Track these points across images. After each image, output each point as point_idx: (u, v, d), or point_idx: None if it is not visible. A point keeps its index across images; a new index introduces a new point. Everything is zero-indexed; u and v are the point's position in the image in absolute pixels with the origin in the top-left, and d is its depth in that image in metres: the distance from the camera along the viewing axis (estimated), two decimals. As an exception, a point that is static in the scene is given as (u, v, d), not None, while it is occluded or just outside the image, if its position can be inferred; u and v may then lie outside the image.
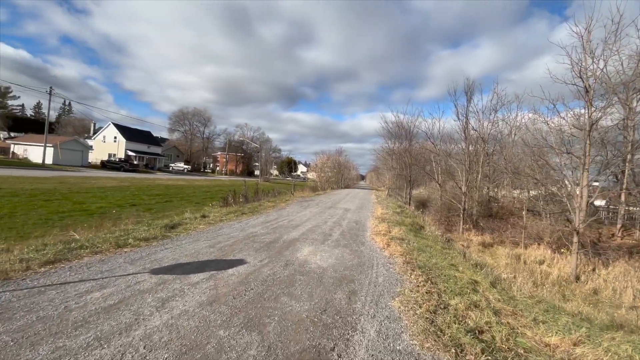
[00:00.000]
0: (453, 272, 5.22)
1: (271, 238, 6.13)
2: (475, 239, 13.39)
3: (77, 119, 56.76)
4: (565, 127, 13.89)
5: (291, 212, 11.04)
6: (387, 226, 9.07)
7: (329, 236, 6.82)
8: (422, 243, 7.48)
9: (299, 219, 9.16)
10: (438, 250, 7.22)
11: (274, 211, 10.93)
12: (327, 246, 5.77)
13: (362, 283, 3.83)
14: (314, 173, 37.82)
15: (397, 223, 10.30)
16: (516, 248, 12.03)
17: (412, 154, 25.42)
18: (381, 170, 44.88)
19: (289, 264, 4.39)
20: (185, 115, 65.64)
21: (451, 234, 15.60)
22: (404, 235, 8.03)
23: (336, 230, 7.65)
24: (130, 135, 44.19)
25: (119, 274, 3.52)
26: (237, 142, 70.92)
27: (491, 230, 16.09)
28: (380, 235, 7.50)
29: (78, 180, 19.51)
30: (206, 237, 5.92)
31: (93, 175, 24.16)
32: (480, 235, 14.75)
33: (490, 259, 10.01)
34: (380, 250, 5.88)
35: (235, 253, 4.80)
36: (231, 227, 7.23)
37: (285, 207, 12.82)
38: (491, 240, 13.24)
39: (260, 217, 9.10)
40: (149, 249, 4.78)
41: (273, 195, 19.05)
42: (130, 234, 5.62)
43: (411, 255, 5.77)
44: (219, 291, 3.18)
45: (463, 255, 7.87)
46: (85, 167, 35.32)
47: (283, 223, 8.23)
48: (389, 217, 11.94)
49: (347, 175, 49.48)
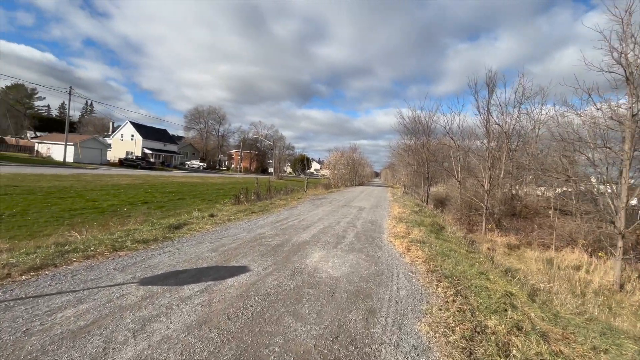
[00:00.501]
0: (484, 282, 4.57)
1: (279, 240, 5.64)
2: (499, 240, 12.48)
3: (98, 118, 58.52)
4: (600, 119, 12.72)
5: (303, 211, 10.56)
6: (406, 227, 8.43)
7: (342, 239, 6.27)
8: (445, 247, 6.81)
9: (310, 219, 8.65)
10: (463, 255, 6.54)
11: (285, 210, 10.48)
12: (339, 251, 5.23)
13: (381, 299, 3.27)
14: (327, 170, 37.28)
15: (416, 223, 9.63)
16: (546, 251, 11.08)
17: (429, 149, 24.39)
18: (396, 167, 43.78)
19: (296, 272, 3.88)
20: (200, 114, 66.47)
21: (473, 234, 14.71)
22: (425, 237, 7.37)
23: (350, 232, 7.09)
24: (146, 134, 45.02)
25: (104, 284, 3.11)
26: (251, 140, 71.28)
27: (516, 231, 15.07)
28: (398, 237, 6.89)
29: (94, 177, 19.81)
30: (210, 239, 5.50)
31: (109, 173, 24.57)
32: (505, 236, 13.79)
33: (519, 264, 9.18)
34: (399, 256, 5.28)
35: (238, 258, 4.34)
36: (239, 227, 6.80)
37: (297, 205, 12.35)
38: (517, 242, 12.30)
39: (270, 217, 8.66)
40: (145, 252, 4.39)
41: (285, 193, 18.67)
42: (130, 235, 5.28)
43: (435, 261, 5.14)
44: (212, 308, 2.71)
45: (490, 260, 7.14)
46: (104, 165, 36.19)
47: (293, 223, 7.75)
48: (406, 216, 11.26)
49: (361, 173, 48.63)
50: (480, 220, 17.50)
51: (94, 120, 60.17)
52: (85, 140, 34.64)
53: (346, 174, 36.70)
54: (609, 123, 11.97)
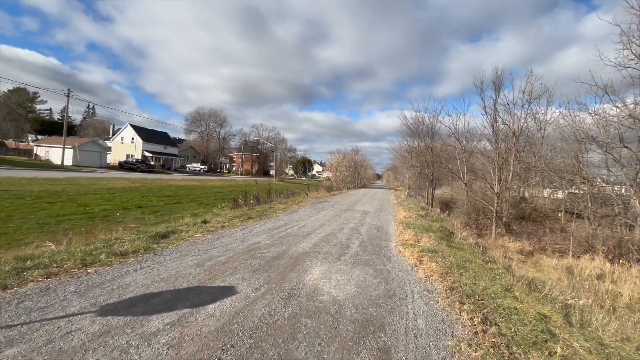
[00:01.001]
0: (511, 301, 3.93)
1: (276, 252, 5.03)
2: (512, 246, 11.80)
3: (99, 121, 58.32)
4: (614, 118, 12.06)
5: (303, 215, 9.95)
6: (414, 233, 7.80)
7: (346, 248, 5.65)
8: (460, 256, 6.17)
9: (311, 225, 8.04)
10: (479, 266, 5.90)
11: (285, 215, 9.88)
12: (343, 264, 4.61)
13: (396, 331, 2.64)
14: (329, 172, 36.68)
15: (424, 229, 8.99)
16: (563, 258, 10.40)
17: (434, 151, 23.75)
18: (399, 169, 43.11)
19: (293, 294, 3.26)
20: (201, 116, 66.17)
21: (482, 238, 14.03)
22: (436, 245, 6.74)
23: (354, 240, 6.47)
24: (147, 136, 44.64)
25: (53, 314, 2.51)
26: (252, 142, 70.88)
27: (527, 235, 14.36)
28: (407, 246, 6.26)
29: (90, 181, 19.31)
30: (198, 250, 4.90)
31: (107, 176, 24.10)
32: (516, 241, 13.10)
33: (537, 272, 8.51)
34: (411, 270, 4.66)
35: (226, 276, 3.73)
36: (232, 235, 6.20)
37: (298, 209, 11.74)
38: (530, 247, 11.62)
39: (268, 223, 8.05)
40: (120, 268, 3.80)
41: (286, 196, 18.09)
42: (108, 247, 4.69)
43: (451, 275, 4.51)
44: (180, 353, 2.10)
45: (508, 271, 6.49)
46: (103, 168, 35.78)
47: (293, 230, 7.13)
48: (413, 221, 10.62)
49: (364, 175, 47.99)
50: (488, 224, 16.81)
51: (95, 123, 59.99)
52: (84, 144, 34.27)
53: (348, 176, 36.07)
54: (627, 122, 11.32)
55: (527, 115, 17.29)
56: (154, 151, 44.87)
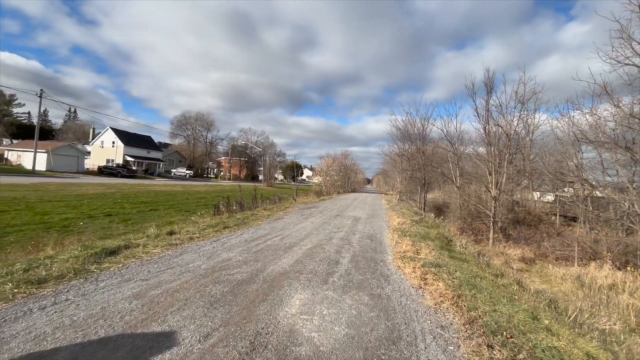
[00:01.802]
0: (546, 336, 3.05)
1: (247, 272, 4.03)
2: (512, 253, 11.08)
3: (78, 125, 55.80)
4: (613, 118, 11.63)
5: (288, 223, 8.95)
6: (412, 243, 6.92)
7: (335, 265, 4.69)
8: (466, 271, 5.30)
9: (296, 235, 7.05)
10: (491, 283, 5.04)
11: (268, 222, 8.86)
12: (331, 288, 3.65)
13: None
14: (319, 177, 35.74)
15: (421, 237, 8.14)
16: (567, 265, 9.72)
17: (425, 154, 23.18)
18: (389, 173, 42.60)
19: (257, 345, 2.28)
20: (187, 120, 64.41)
21: (479, 244, 13.30)
22: (438, 257, 5.87)
23: (345, 254, 5.52)
24: (128, 140, 42.74)
25: None
26: (241, 147, 69.42)
27: (525, 241, 13.74)
28: (407, 259, 5.36)
29: (59, 187, 17.79)
30: (147, 272, 3.86)
31: (81, 182, 22.50)
32: (515, 247, 12.42)
33: (544, 283, 7.76)
34: (416, 294, 3.74)
35: (169, 314, 2.72)
36: (198, 250, 5.17)
37: (283, 216, 10.74)
38: (531, 254, 10.92)
39: (247, 233, 7.03)
40: (20, 306, 2.73)
41: (272, 201, 17.07)
42: (27, 270, 3.60)
43: (464, 299, 3.63)
44: None
45: (520, 286, 5.65)
46: (81, 174, 33.87)
47: (274, 242, 6.14)
48: (408, 228, 9.78)
49: (354, 179, 47.30)
50: (484, 228, 16.17)
51: (75, 127, 57.40)
52: (59, 147, 32.32)
53: (338, 180, 35.24)
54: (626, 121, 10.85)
55: (520, 117, 16.85)
56: (136, 155, 43.02)
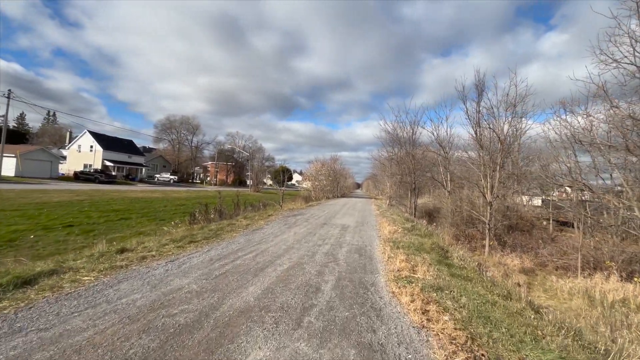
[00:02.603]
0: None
1: (195, 311, 3.04)
2: (510, 263, 10.37)
3: (56, 129, 53.17)
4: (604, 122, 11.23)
5: (268, 234, 7.95)
6: (406, 257, 6.05)
7: (314, 295, 3.74)
8: (473, 294, 4.44)
9: (273, 251, 6.07)
10: (503, 309, 4.18)
11: (244, 234, 7.84)
12: (305, 337, 2.68)
13: None
14: (308, 182, 34.77)
15: (415, 249, 7.30)
16: (569, 277, 9.06)
17: (415, 158, 22.60)
18: (379, 177, 42.07)
19: None
20: (172, 124, 62.50)
21: (473, 252, 12.58)
22: (437, 275, 5.01)
23: (329, 276, 4.57)
24: (108, 144, 40.72)
25: None
26: (228, 151, 67.84)
27: (521, 248, 13.12)
28: (402, 281, 4.47)
29: (20, 194, 16.23)
30: (55, 314, 2.82)
31: (49, 188, 20.84)
32: (512, 255, 11.75)
33: (550, 298, 7.02)
34: (418, 338, 2.82)
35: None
36: (144, 276, 4.13)
37: (264, 225, 9.73)
38: (530, 264, 10.24)
39: (215, 248, 6.00)
40: None
41: (256, 208, 16.03)
42: None
43: (480, 342, 2.75)
44: None
45: (534, 310, 4.84)
46: (53, 179, 31.84)
47: (244, 261, 5.14)
48: (400, 237, 8.94)
49: (343, 184, 46.57)
50: (478, 235, 15.54)
51: (51, 130, 54.65)
52: (29, 152, 30.29)
53: (327, 185, 34.38)
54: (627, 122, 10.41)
55: (511, 119, 16.42)
56: (116, 160, 41.04)
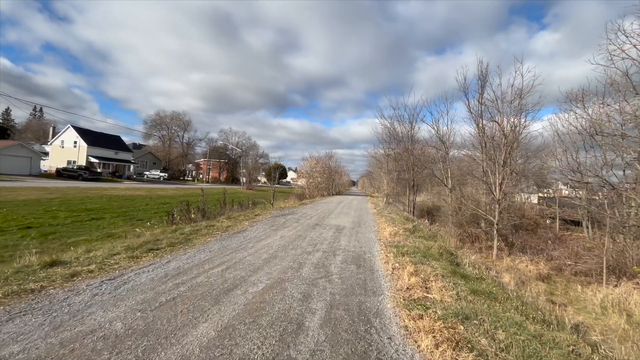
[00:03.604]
0: None
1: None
2: (522, 268, 9.34)
3: (39, 124, 50.99)
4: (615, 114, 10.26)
5: (249, 239, 6.76)
6: (414, 269, 4.92)
7: (293, 340, 2.57)
8: (509, 322, 3.31)
9: (250, 261, 4.89)
10: (550, 345, 3.08)
11: (220, 239, 6.63)
12: None
13: None
14: (303, 179, 33.53)
15: (422, 255, 6.19)
16: (589, 281, 8.06)
17: (414, 153, 21.54)
18: (375, 175, 41.03)
19: None
20: (162, 119, 60.58)
21: (479, 254, 11.54)
22: (456, 295, 3.90)
23: (317, 302, 3.41)
24: (93, 140, 38.91)
25: None
26: (222, 148, 66.14)
27: (531, 250, 12.13)
28: (415, 307, 3.33)
29: (-17, 192, 14.77)
30: None
31: (20, 186, 19.32)
32: (523, 258, 10.74)
33: (579, 313, 5.98)
34: None
35: None
36: (53, 308, 2.92)
37: (248, 227, 8.54)
38: (546, 269, 9.23)
39: (178, 259, 4.80)
40: None
41: (245, 207, 14.80)
42: None
43: None
44: None
45: (588, 344, 3.77)
46: (34, 176, 30.16)
47: (208, 277, 3.95)
48: (403, 241, 7.83)
49: (339, 181, 45.44)
50: (481, 235, 14.53)
51: (34, 125, 52.48)
52: (6, 147, 28.56)
53: (322, 182, 33.22)
54: None
55: (519, 112, 15.39)
56: (102, 157, 39.28)
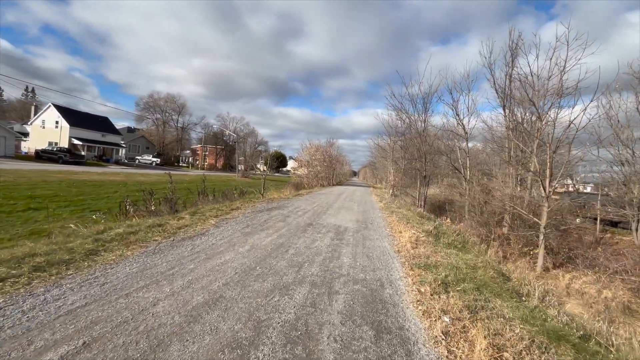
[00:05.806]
0: None
1: None
2: (590, 291, 6.88)
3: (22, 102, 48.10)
4: None
5: (196, 253, 4.25)
6: (480, 327, 2.42)
7: None
8: None
9: (148, 325, 2.41)
10: None
11: (146, 254, 4.13)
12: None
13: None
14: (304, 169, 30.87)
15: (473, 287, 3.70)
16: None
17: (427, 140, 18.88)
18: (379, 165, 38.35)
19: None
20: (156, 102, 57.54)
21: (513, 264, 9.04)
22: None
23: None
24: (76, 121, 36.15)
25: None
26: (219, 134, 63.31)
27: (583, 261, 9.66)
28: None
29: None
30: None
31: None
32: (577, 273, 8.29)
33: None
34: None
35: None
36: None
37: (211, 228, 6.04)
38: (625, 294, 6.77)
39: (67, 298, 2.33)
40: None
41: (229, 197, 12.38)
42: None
43: None
44: None
45: None
46: (9, 158, 27.70)
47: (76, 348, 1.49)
48: (432, 254, 5.36)
49: (340, 171, 42.77)
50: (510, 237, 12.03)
51: (18, 105, 49.57)
52: (-26, 126, 26.00)
53: (322, 171, 30.64)
54: None
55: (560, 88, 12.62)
56: (86, 139, 36.61)
